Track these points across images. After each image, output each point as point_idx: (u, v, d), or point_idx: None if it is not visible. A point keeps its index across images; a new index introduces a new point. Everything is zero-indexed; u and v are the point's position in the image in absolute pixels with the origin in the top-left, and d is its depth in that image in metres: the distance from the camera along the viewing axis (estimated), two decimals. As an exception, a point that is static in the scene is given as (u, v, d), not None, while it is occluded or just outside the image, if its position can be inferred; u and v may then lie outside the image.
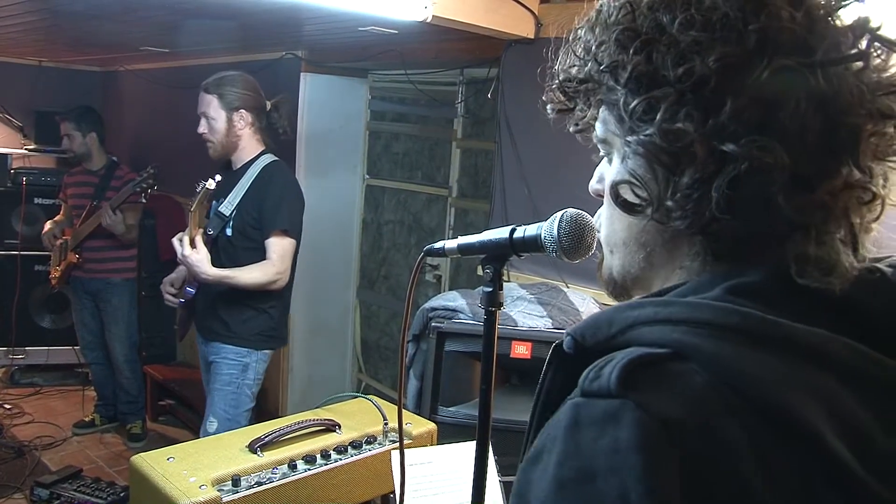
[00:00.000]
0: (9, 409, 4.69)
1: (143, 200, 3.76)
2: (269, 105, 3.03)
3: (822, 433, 0.56)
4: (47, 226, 4.24)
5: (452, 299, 2.55)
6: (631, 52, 0.65)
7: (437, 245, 1.17)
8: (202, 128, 2.93)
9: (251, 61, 4.47)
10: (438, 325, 2.43)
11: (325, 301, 4.61)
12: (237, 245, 2.90)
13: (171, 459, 1.83)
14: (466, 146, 3.95)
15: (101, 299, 4.26)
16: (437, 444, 2.12)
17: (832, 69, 0.62)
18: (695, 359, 0.58)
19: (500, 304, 1.10)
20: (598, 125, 0.74)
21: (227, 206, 2.91)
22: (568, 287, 2.84)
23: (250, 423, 2.77)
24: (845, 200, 0.63)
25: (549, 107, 0.79)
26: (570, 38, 0.74)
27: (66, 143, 4.24)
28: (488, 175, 3.74)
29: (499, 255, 1.09)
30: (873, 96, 0.63)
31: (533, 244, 1.03)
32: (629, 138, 0.67)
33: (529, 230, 1.03)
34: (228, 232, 2.91)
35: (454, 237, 1.15)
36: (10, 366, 5.08)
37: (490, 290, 1.10)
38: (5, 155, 5.02)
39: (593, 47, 0.69)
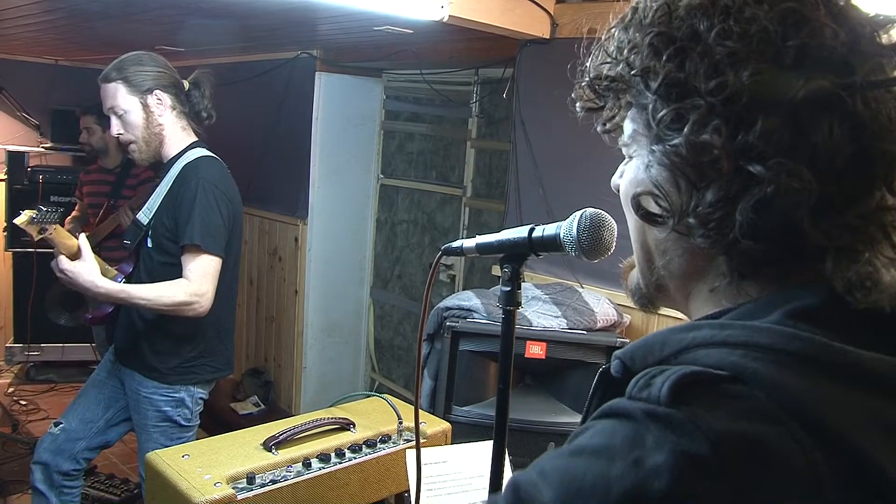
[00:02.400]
0: (24, 405, 4.72)
1: None
2: (186, 84, 2.58)
3: (887, 471, 0.53)
4: (66, 224, 4.25)
5: (467, 299, 2.55)
6: (664, 58, 0.63)
7: (455, 244, 1.16)
8: (115, 128, 2.48)
9: (266, 60, 4.49)
10: (453, 324, 2.43)
11: (338, 300, 4.62)
12: (155, 259, 2.47)
13: (186, 457, 1.83)
14: (481, 146, 3.95)
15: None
16: (452, 444, 2.12)
17: (871, 92, 0.59)
18: (754, 384, 0.55)
19: (518, 304, 1.10)
20: (626, 124, 0.72)
21: (146, 214, 2.50)
22: (583, 287, 2.83)
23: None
24: (878, 222, 0.61)
25: (578, 105, 0.77)
26: (604, 36, 0.72)
27: (84, 137, 4.23)
28: (502, 175, 3.73)
29: (517, 255, 1.09)
30: None
31: (552, 244, 1.02)
32: (654, 147, 0.66)
33: (548, 229, 1.03)
34: (149, 243, 2.49)
35: (469, 237, 1.15)
36: (26, 362, 5.11)
37: (508, 289, 1.09)
38: (22, 153, 5.05)
39: (626, 49, 0.67)
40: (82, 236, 2.35)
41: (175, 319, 2.41)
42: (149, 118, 2.45)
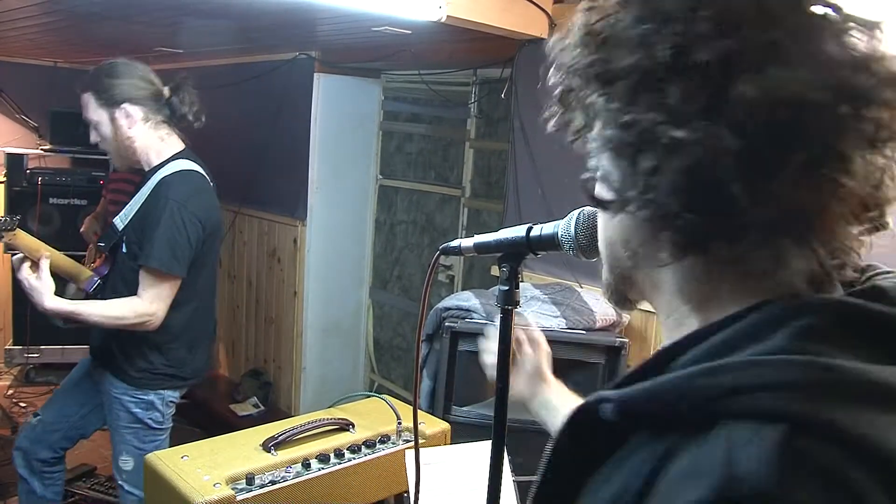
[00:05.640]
0: (24, 407, 4.72)
1: None
2: (166, 91, 2.51)
3: None
4: (87, 222, 4.03)
5: (466, 299, 2.55)
6: (590, 51, 0.66)
7: (454, 243, 1.16)
8: (93, 137, 2.48)
9: (264, 62, 4.49)
10: (452, 324, 2.43)
11: (337, 301, 4.62)
12: (128, 265, 2.43)
13: (185, 458, 1.83)
14: (480, 146, 3.95)
15: None
16: (451, 444, 2.12)
17: (785, 44, 0.59)
18: (817, 432, 0.52)
19: (517, 303, 1.10)
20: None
21: (122, 219, 2.49)
22: (582, 287, 2.83)
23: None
24: (808, 191, 0.59)
25: (550, 123, 0.77)
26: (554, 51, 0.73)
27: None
28: (501, 175, 3.74)
29: (515, 254, 1.09)
30: (833, 73, 0.58)
31: (550, 242, 1.02)
32: (592, 135, 0.69)
33: (546, 228, 1.03)
34: (123, 248, 2.46)
35: (467, 237, 1.15)
36: (26, 364, 5.10)
37: (506, 288, 1.09)
38: (21, 155, 5.04)
39: (567, 56, 0.70)
40: (44, 256, 2.34)
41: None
42: (117, 131, 2.43)
